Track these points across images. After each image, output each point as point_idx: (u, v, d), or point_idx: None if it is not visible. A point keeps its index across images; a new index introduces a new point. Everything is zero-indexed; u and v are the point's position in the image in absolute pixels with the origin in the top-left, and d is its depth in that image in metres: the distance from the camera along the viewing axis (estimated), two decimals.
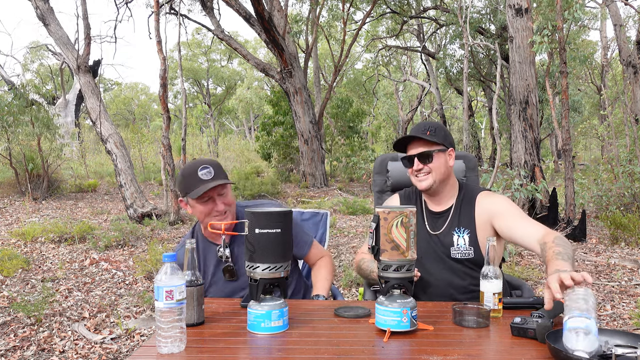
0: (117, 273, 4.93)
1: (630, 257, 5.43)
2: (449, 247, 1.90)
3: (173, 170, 7.39)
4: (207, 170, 1.82)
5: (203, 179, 1.80)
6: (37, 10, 8.22)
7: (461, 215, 1.93)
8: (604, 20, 15.25)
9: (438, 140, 1.90)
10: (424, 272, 1.90)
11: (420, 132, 1.91)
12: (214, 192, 1.83)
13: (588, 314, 1.20)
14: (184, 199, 1.89)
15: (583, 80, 22.23)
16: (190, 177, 1.83)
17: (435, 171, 1.90)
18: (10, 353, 3.08)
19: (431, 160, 1.90)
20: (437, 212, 1.98)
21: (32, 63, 28.48)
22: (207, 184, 1.80)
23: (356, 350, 1.29)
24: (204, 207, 1.83)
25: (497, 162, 7.08)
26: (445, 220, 1.95)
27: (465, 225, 1.91)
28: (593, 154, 22.13)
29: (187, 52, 28.69)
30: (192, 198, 1.82)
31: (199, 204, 1.84)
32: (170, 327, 1.26)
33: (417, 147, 1.92)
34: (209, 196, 1.83)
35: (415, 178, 1.95)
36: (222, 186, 1.85)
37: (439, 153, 1.91)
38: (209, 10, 12.46)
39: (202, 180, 1.80)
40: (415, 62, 26.10)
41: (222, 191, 1.85)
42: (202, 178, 1.80)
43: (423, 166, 1.90)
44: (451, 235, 1.91)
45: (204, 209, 1.84)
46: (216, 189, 1.83)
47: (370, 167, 10.88)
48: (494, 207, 1.91)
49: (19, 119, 9.45)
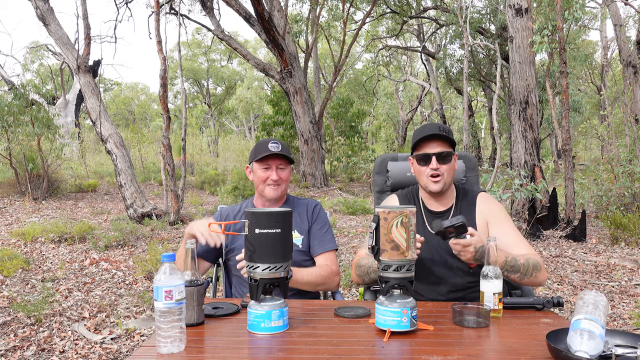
0: (117, 273, 4.93)
1: (630, 257, 5.43)
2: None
3: (173, 170, 7.39)
4: (276, 144, 2.06)
5: (270, 149, 2.03)
6: (37, 10, 8.22)
7: (462, 214, 1.94)
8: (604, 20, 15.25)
9: (451, 143, 1.91)
10: (424, 272, 1.90)
11: (437, 131, 1.89)
12: (275, 163, 2.06)
13: (597, 318, 1.20)
14: (250, 166, 2.14)
15: (583, 80, 22.23)
16: (261, 146, 2.08)
17: (447, 173, 1.91)
18: (10, 353, 3.08)
19: (449, 161, 1.90)
20: (438, 212, 1.99)
21: (32, 63, 28.49)
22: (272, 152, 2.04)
23: (356, 350, 1.29)
24: (263, 173, 2.06)
25: (497, 162, 7.08)
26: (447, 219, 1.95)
27: (467, 223, 1.92)
28: (593, 154, 22.14)
29: (187, 52, 28.70)
30: (256, 161, 2.06)
31: (259, 170, 2.07)
32: (170, 327, 1.26)
33: (435, 146, 1.89)
34: (269, 165, 2.06)
35: (428, 179, 1.91)
36: (283, 162, 2.08)
37: (454, 156, 1.93)
38: (209, 10, 12.46)
39: (269, 149, 2.03)
40: (415, 62, 26.10)
41: (282, 166, 2.08)
42: (269, 148, 2.03)
43: (439, 166, 1.89)
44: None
45: (262, 175, 2.07)
46: (277, 160, 2.06)
47: (370, 167, 10.88)
48: (492, 213, 1.96)
49: (19, 119, 9.44)
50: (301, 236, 2.11)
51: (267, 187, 2.07)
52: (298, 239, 2.10)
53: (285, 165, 2.10)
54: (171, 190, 7.32)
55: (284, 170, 2.10)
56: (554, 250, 5.87)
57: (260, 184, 2.09)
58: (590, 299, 1.26)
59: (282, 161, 2.08)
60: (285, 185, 2.12)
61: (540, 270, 1.78)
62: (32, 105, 9.78)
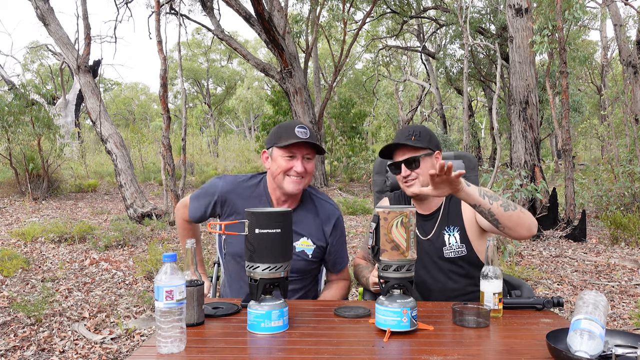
0: (117, 273, 4.93)
1: (630, 257, 5.43)
2: (441, 248, 1.90)
3: (173, 170, 7.39)
4: (305, 130, 1.78)
5: (298, 135, 1.75)
6: (37, 10, 8.22)
7: (450, 213, 1.94)
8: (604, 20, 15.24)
9: (423, 144, 1.88)
10: (417, 278, 1.89)
11: (404, 139, 1.89)
12: (302, 152, 1.79)
13: (597, 318, 1.20)
14: (268, 150, 1.84)
15: (583, 80, 22.22)
16: (286, 130, 1.78)
17: (422, 176, 1.89)
18: (10, 353, 3.08)
19: (418, 166, 1.88)
20: (426, 215, 1.98)
21: (32, 63, 28.49)
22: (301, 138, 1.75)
23: (356, 350, 1.29)
24: (285, 163, 1.79)
25: (497, 162, 7.08)
26: (435, 221, 1.95)
27: (454, 222, 1.92)
28: (593, 154, 22.13)
29: (187, 52, 28.69)
30: (279, 147, 1.77)
31: (281, 157, 1.79)
32: (170, 327, 1.26)
33: (403, 153, 1.90)
34: (294, 154, 1.78)
35: (403, 184, 1.93)
36: (309, 152, 1.80)
37: (425, 158, 1.89)
38: (209, 10, 12.46)
39: (297, 136, 1.75)
40: (415, 62, 26.10)
41: (309, 155, 1.81)
42: (297, 134, 1.75)
43: (410, 172, 1.89)
44: (442, 236, 1.91)
45: (285, 164, 1.79)
46: (305, 149, 1.79)
47: (370, 167, 10.88)
48: None
49: (19, 119, 9.45)
50: (313, 246, 1.90)
51: (288, 178, 1.80)
52: (309, 247, 1.88)
53: (312, 155, 1.83)
54: (171, 190, 7.32)
55: (310, 161, 1.83)
56: (554, 250, 5.87)
57: (279, 174, 1.81)
58: (590, 299, 1.26)
59: (309, 150, 1.81)
60: (309, 179, 1.86)
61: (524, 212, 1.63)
62: (32, 105, 9.78)
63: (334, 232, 1.93)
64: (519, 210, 1.62)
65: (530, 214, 1.68)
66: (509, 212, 1.60)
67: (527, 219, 1.64)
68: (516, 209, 1.62)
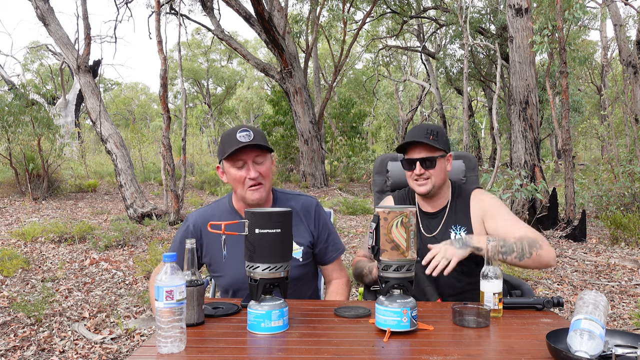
0: (117, 273, 4.93)
1: (630, 257, 5.43)
2: None
3: (173, 170, 7.39)
4: (247, 133, 1.67)
5: (240, 141, 1.65)
6: (37, 10, 8.22)
7: (457, 213, 1.94)
8: (604, 20, 15.24)
9: (440, 145, 1.89)
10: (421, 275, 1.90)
11: (423, 137, 1.88)
12: (249, 157, 1.69)
13: (597, 318, 1.20)
14: (220, 165, 1.76)
15: (583, 80, 22.23)
16: (228, 138, 1.68)
17: (435, 177, 1.90)
18: (10, 353, 3.08)
19: (433, 166, 1.89)
20: (432, 213, 1.99)
21: (32, 63, 28.49)
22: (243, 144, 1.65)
23: (356, 350, 1.29)
24: (237, 173, 1.69)
25: (497, 162, 7.08)
26: (441, 220, 1.95)
27: (461, 222, 1.92)
28: (593, 154, 22.14)
29: (187, 52, 28.69)
30: (226, 158, 1.69)
31: (232, 169, 1.70)
32: (170, 327, 1.26)
33: (419, 152, 1.90)
34: (243, 161, 1.69)
35: (414, 182, 1.93)
36: (259, 154, 1.70)
37: (440, 159, 1.91)
38: (209, 10, 12.46)
39: (239, 142, 1.65)
40: (415, 62, 26.10)
41: (258, 159, 1.71)
42: (239, 140, 1.66)
43: (424, 171, 1.89)
44: (448, 234, 1.92)
45: (237, 175, 1.69)
46: (251, 153, 1.68)
47: (370, 167, 10.88)
48: (486, 206, 1.93)
49: (19, 119, 9.45)
50: (300, 248, 1.80)
51: (248, 190, 1.71)
52: (297, 251, 1.79)
53: (263, 157, 1.72)
54: (171, 190, 7.32)
55: (262, 163, 1.72)
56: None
57: (238, 187, 1.72)
58: (591, 299, 1.26)
59: (257, 152, 1.70)
60: (269, 182, 1.75)
61: (540, 247, 1.71)
62: (33, 105, 9.78)
63: (316, 221, 1.86)
64: (535, 254, 1.70)
65: (547, 249, 1.73)
66: (525, 260, 1.70)
67: (544, 257, 1.72)
68: (531, 254, 1.69)
